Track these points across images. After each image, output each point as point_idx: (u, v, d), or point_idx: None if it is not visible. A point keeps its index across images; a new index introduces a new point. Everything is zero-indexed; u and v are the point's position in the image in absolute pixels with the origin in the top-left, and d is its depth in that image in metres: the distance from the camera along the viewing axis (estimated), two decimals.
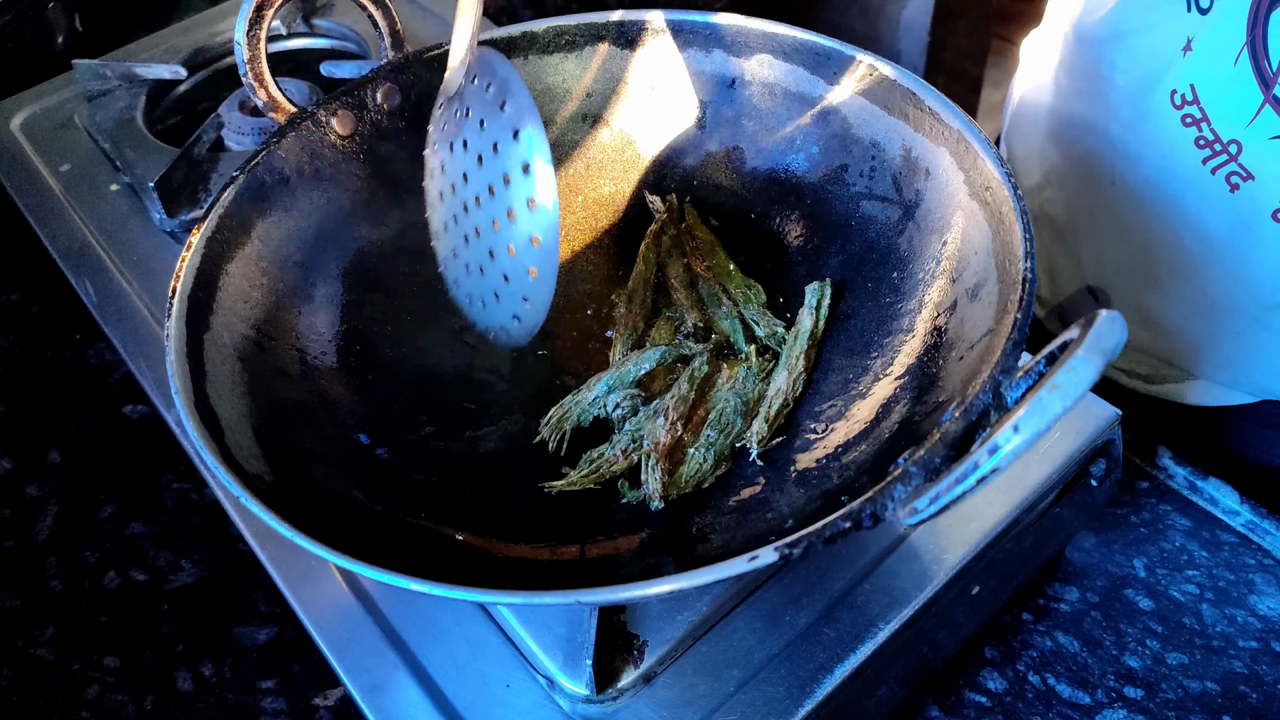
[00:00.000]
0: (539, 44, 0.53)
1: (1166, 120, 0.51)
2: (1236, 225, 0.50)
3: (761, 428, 0.43)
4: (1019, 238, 0.38)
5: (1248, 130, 0.48)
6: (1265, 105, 0.46)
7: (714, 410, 0.44)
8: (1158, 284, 0.57)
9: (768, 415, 0.43)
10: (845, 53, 0.48)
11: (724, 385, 0.45)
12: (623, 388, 0.45)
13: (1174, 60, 0.50)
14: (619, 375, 0.45)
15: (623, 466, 0.43)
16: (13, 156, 0.67)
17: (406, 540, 0.40)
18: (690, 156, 0.54)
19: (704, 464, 0.42)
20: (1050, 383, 0.27)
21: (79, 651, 0.49)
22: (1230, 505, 0.50)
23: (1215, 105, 0.49)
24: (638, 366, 0.46)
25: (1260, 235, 0.49)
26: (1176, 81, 0.50)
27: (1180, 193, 0.53)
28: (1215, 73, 0.48)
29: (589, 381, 0.46)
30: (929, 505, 0.29)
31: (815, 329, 0.46)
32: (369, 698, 0.40)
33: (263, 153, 0.47)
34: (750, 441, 0.43)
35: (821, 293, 0.47)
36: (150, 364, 0.53)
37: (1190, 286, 0.55)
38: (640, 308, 0.49)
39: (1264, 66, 0.45)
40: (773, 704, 0.38)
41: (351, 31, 0.74)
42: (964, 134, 0.43)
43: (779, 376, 0.45)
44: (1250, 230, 0.50)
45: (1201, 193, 0.51)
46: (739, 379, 0.45)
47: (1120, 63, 0.54)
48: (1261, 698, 0.44)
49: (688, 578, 0.30)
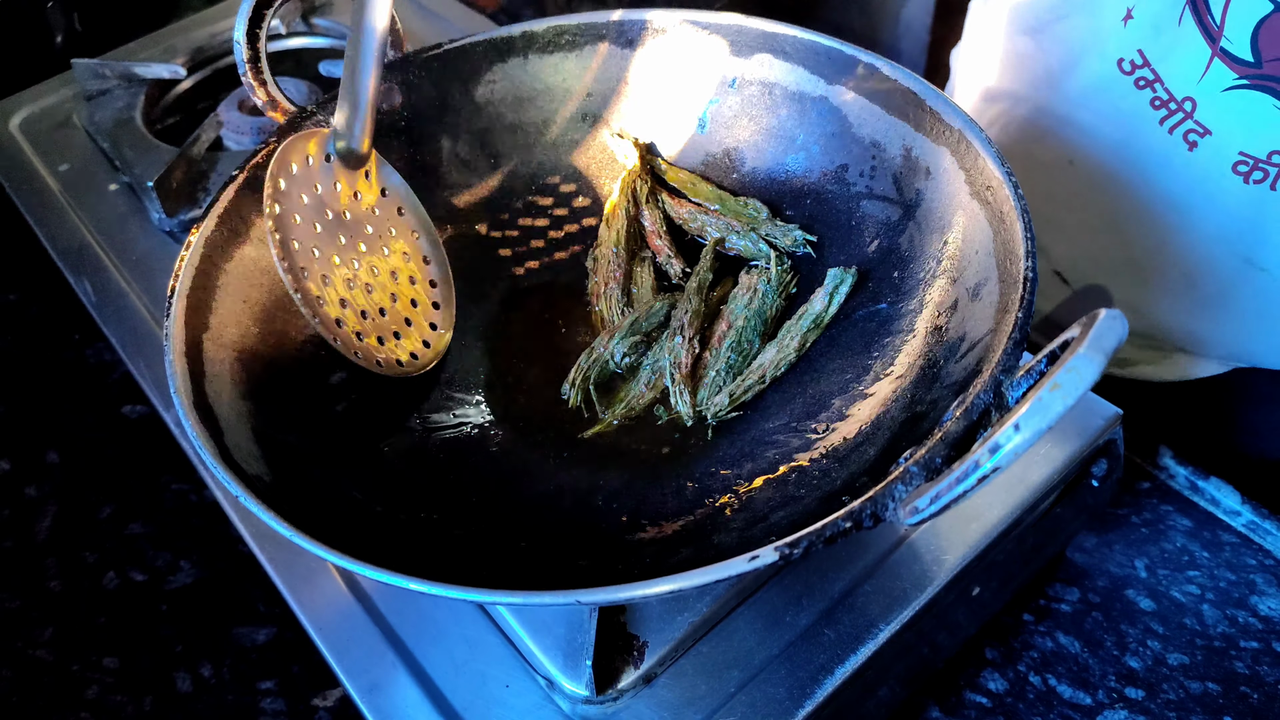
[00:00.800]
0: (539, 43, 0.53)
1: (1119, 86, 0.52)
2: (1200, 183, 0.51)
3: (723, 401, 0.43)
4: (1020, 237, 0.38)
5: (1200, 85, 0.48)
6: (1214, 59, 0.47)
7: (733, 329, 0.44)
8: (1130, 261, 0.57)
9: (734, 390, 0.44)
10: (845, 52, 0.48)
11: (741, 299, 0.45)
12: (634, 337, 0.46)
13: (1115, 30, 0.51)
14: (632, 327, 0.46)
15: (650, 398, 0.44)
16: (11, 156, 0.67)
17: (406, 540, 0.39)
18: (690, 156, 0.54)
19: (725, 385, 0.43)
20: (1051, 381, 0.27)
21: (78, 652, 0.49)
22: (1231, 505, 0.50)
23: (1165, 64, 0.50)
24: (648, 321, 0.46)
25: (1225, 189, 0.50)
26: (1123, 50, 0.51)
27: (1141, 158, 0.53)
28: (1160, 34, 0.49)
29: (599, 340, 0.47)
30: (930, 505, 0.29)
31: (824, 314, 0.46)
32: (368, 698, 0.40)
33: (262, 152, 0.47)
34: (708, 409, 0.44)
35: (841, 279, 0.47)
36: (149, 364, 0.53)
37: (1161, 255, 0.55)
38: (619, 264, 0.49)
39: (1208, 22, 0.46)
40: (773, 705, 0.38)
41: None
42: (965, 133, 0.43)
43: (767, 352, 0.45)
44: (1215, 185, 0.51)
45: (1163, 157, 0.52)
46: (759, 294, 0.45)
47: (1063, 45, 0.55)
48: (1262, 698, 0.44)
49: (688, 578, 0.30)
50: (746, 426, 0.45)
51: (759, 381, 0.44)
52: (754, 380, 0.44)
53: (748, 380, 0.44)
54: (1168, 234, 0.54)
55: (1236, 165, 0.49)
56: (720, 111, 0.53)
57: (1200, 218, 0.52)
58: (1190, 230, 0.53)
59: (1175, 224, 0.54)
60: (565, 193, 0.54)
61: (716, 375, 0.42)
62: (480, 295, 0.52)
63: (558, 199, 0.54)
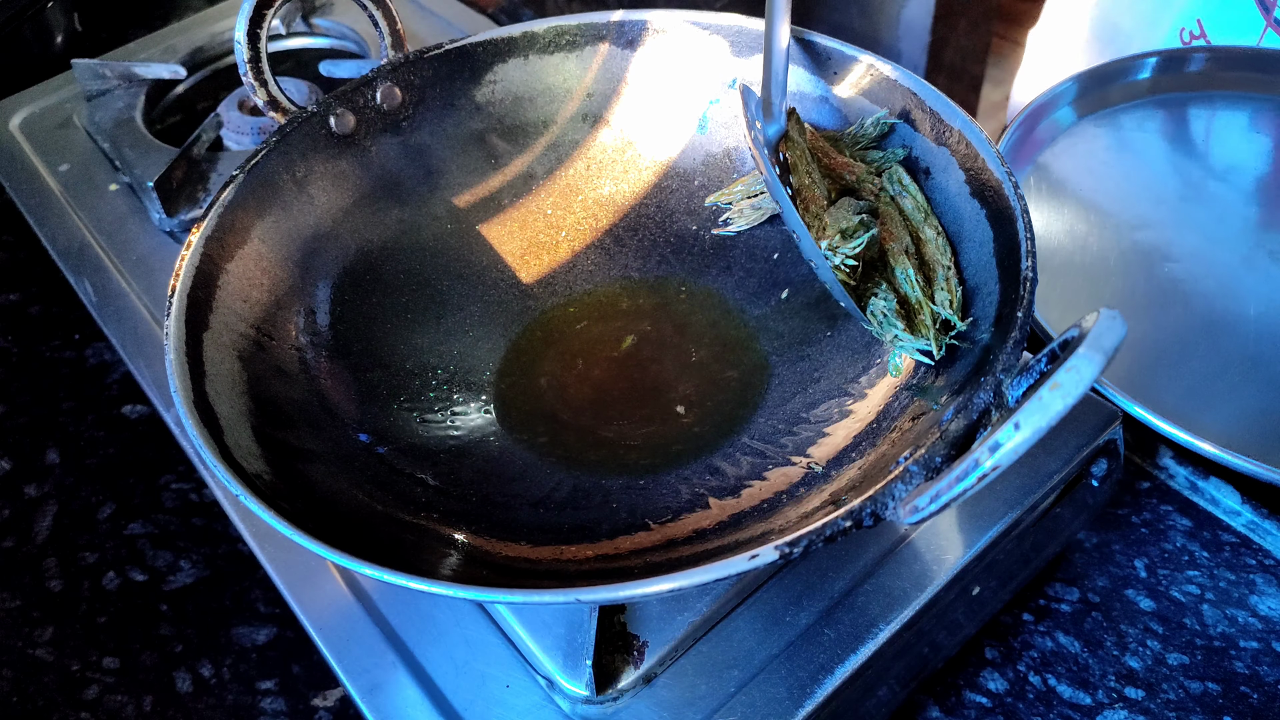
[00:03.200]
0: (539, 44, 0.53)
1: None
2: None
3: (945, 297, 0.42)
4: (1020, 237, 0.38)
5: None
6: (1268, 29, 0.50)
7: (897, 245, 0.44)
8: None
9: (946, 284, 0.42)
10: (845, 52, 0.48)
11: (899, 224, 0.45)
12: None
13: (1178, 1, 0.54)
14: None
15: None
16: (12, 156, 0.67)
17: (406, 540, 0.40)
18: (691, 156, 0.54)
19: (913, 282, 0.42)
20: (1051, 381, 0.27)
21: (78, 652, 0.49)
22: (1231, 505, 0.50)
23: (1222, 35, 0.53)
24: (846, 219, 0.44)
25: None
26: (1185, 20, 0.54)
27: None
28: (1220, 6, 0.52)
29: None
30: (930, 504, 0.29)
31: (919, 202, 0.45)
32: (368, 698, 0.40)
33: (262, 152, 0.47)
34: (944, 310, 0.42)
35: (895, 165, 0.46)
36: (149, 364, 0.53)
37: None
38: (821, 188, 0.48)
39: None
40: (773, 704, 0.38)
41: (351, 31, 0.74)
42: (965, 134, 0.43)
43: (925, 249, 0.44)
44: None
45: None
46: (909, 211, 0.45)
47: (1130, 13, 0.58)
48: (1262, 698, 0.44)
49: (688, 576, 0.30)
50: (747, 426, 0.45)
51: (947, 268, 0.43)
52: (943, 269, 0.43)
53: (938, 269, 0.43)
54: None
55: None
56: (720, 111, 0.53)
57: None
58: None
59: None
60: (566, 194, 0.54)
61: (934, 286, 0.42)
62: (481, 295, 0.52)
63: (558, 200, 0.54)
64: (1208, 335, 0.52)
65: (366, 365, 0.47)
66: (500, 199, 0.54)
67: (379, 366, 0.48)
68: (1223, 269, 0.54)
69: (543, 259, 0.53)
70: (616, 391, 0.48)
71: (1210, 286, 0.53)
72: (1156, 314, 0.53)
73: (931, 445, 0.32)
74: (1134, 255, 0.55)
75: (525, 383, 0.48)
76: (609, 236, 0.54)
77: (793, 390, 0.46)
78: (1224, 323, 0.52)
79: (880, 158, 0.47)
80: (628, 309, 0.51)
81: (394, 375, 0.48)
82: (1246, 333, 0.52)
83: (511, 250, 0.53)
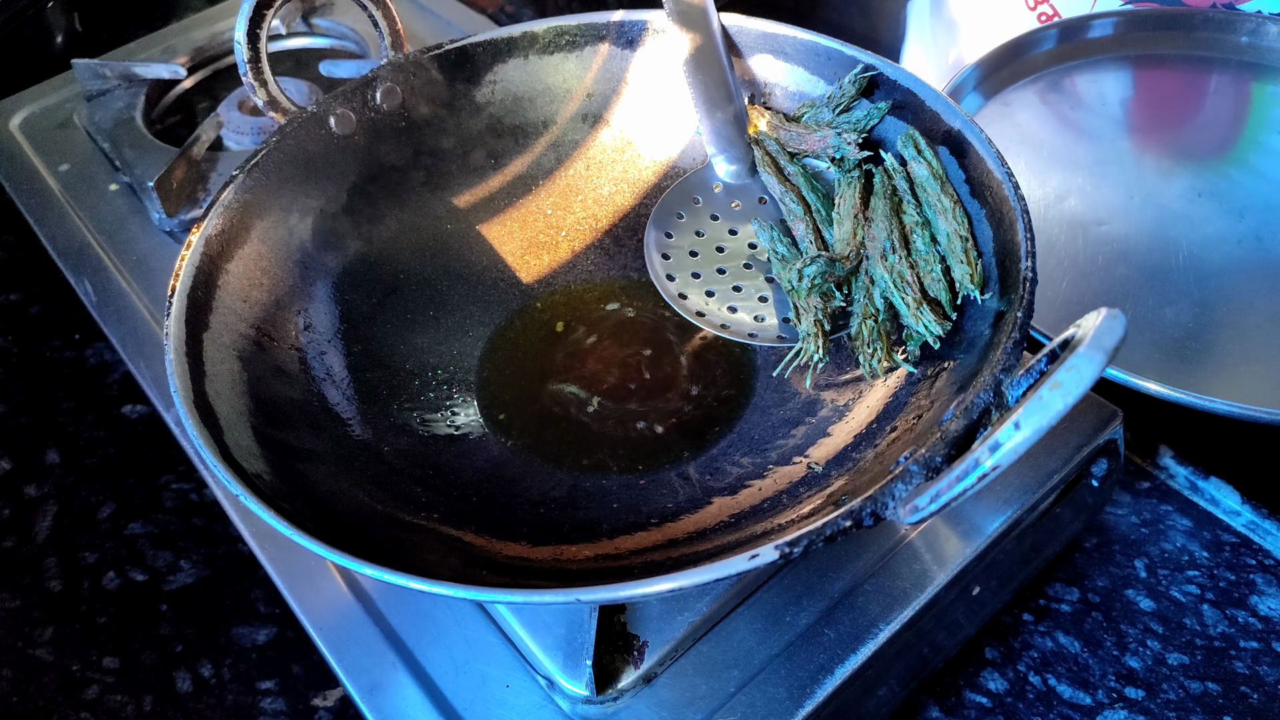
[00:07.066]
0: (539, 44, 0.53)
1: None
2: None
3: (964, 271, 0.41)
4: (1020, 237, 0.38)
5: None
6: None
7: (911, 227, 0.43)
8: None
9: (964, 256, 0.41)
10: (845, 52, 0.48)
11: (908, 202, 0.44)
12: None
13: None
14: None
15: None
16: (12, 156, 0.67)
17: (406, 540, 0.39)
18: (691, 157, 0.54)
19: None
20: (1051, 380, 0.27)
21: (78, 652, 0.49)
22: (1231, 505, 0.50)
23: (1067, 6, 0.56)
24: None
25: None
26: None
27: None
28: None
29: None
30: (930, 503, 0.29)
31: (935, 170, 0.44)
32: (368, 698, 0.40)
33: (262, 152, 0.47)
34: (966, 287, 0.41)
35: (910, 130, 0.46)
36: (149, 364, 0.53)
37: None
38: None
39: None
40: (773, 704, 0.38)
41: (351, 31, 0.74)
42: (964, 133, 0.43)
43: (941, 220, 0.43)
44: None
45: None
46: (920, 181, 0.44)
47: None
48: (1262, 698, 0.44)
49: (688, 576, 0.30)
50: (747, 426, 0.45)
51: (964, 240, 0.42)
52: (960, 244, 0.42)
53: (955, 245, 0.42)
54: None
55: None
56: None
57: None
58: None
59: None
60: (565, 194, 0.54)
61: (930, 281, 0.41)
62: (481, 295, 0.52)
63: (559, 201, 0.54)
64: (1153, 285, 0.52)
65: (366, 365, 0.47)
66: (500, 199, 0.54)
67: (379, 366, 0.48)
68: (1151, 220, 0.56)
69: (543, 259, 0.53)
70: (616, 391, 0.48)
71: (1145, 239, 0.55)
72: (1103, 275, 0.53)
73: (931, 445, 0.32)
74: (1066, 224, 0.56)
75: (525, 383, 0.48)
76: (609, 236, 0.54)
77: (793, 390, 0.46)
78: (1165, 269, 0.53)
79: (864, 115, 0.47)
80: (627, 308, 0.51)
81: (394, 375, 0.48)
82: (1187, 277, 0.53)
83: (511, 250, 0.53)
